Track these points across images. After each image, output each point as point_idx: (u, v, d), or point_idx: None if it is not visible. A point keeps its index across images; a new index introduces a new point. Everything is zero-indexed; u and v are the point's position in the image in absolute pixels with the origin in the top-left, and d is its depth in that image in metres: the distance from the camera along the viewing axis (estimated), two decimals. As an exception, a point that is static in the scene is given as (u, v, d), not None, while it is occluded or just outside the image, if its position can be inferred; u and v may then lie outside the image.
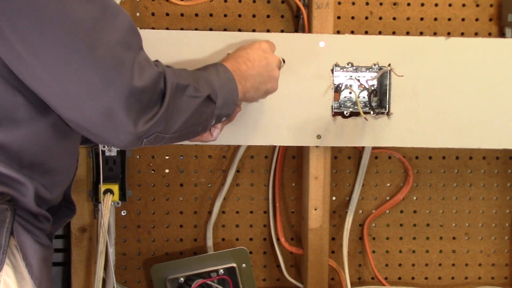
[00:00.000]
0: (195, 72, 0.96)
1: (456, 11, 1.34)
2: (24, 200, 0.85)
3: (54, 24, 0.76)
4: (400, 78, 1.19)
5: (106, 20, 0.79)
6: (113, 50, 0.79)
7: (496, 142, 1.24)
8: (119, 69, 0.79)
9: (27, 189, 0.85)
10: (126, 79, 0.79)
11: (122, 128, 0.81)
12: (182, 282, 1.28)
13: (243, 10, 1.30)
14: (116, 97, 0.79)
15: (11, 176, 0.83)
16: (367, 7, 1.32)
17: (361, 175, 1.36)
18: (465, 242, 1.42)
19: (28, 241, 0.85)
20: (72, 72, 0.77)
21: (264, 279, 1.40)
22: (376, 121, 1.21)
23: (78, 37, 0.77)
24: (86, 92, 0.79)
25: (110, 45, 0.79)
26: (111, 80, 0.79)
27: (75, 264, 1.30)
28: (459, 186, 1.40)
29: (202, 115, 0.93)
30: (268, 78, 1.07)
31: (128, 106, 0.80)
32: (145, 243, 1.36)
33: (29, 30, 0.76)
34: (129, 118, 0.81)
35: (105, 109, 0.79)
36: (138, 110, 0.81)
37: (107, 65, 0.78)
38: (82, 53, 0.77)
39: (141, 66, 0.82)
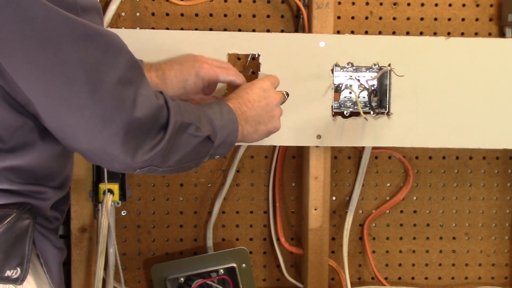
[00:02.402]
0: (200, 109, 0.95)
1: (456, 11, 1.34)
2: (44, 206, 0.87)
3: (56, 67, 0.76)
4: (400, 78, 1.19)
5: (108, 60, 0.79)
6: (114, 89, 0.79)
7: (496, 142, 1.24)
8: (119, 107, 0.79)
9: (47, 195, 0.87)
10: (125, 115, 0.79)
11: (117, 160, 0.82)
12: (182, 282, 1.28)
13: (243, 10, 1.30)
14: (114, 134, 0.79)
15: (29, 190, 0.85)
16: (367, 7, 1.32)
17: (361, 175, 1.36)
18: (465, 242, 1.42)
19: (47, 248, 0.88)
20: (72, 111, 0.78)
21: (264, 279, 1.40)
22: (376, 121, 1.21)
23: (79, 79, 0.76)
24: (84, 131, 0.79)
25: (111, 84, 0.78)
26: (110, 118, 0.79)
27: (75, 264, 1.30)
28: (459, 186, 1.40)
29: (198, 153, 0.93)
30: (268, 119, 1.06)
31: (125, 142, 0.80)
32: (145, 243, 1.36)
33: (31, 73, 0.76)
34: (126, 153, 0.81)
35: (102, 147, 0.80)
36: (136, 144, 0.82)
37: (107, 105, 0.78)
38: (83, 94, 0.77)
39: (141, 99, 0.82)
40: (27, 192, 0.84)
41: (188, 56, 1.12)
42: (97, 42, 0.77)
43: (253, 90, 1.06)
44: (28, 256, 0.82)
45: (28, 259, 0.82)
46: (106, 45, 0.79)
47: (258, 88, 1.06)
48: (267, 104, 1.06)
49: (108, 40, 0.79)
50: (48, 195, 0.87)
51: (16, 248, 0.82)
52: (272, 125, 1.07)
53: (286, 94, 1.13)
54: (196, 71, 1.08)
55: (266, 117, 1.05)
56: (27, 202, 0.84)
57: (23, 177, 0.84)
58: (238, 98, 1.04)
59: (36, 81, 0.76)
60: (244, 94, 1.05)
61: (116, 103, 0.78)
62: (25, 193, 0.84)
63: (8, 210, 0.82)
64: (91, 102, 0.77)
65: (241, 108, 1.03)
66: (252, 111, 1.03)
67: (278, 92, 1.10)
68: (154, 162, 0.84)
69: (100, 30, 0.78)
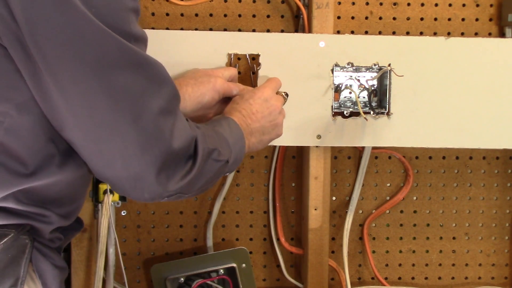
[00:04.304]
0: (215, 130, 0.95)
1: (456, 11, 1.34)
2: (44, 229, 0.87)
3: (104, 91, 0.76)
4: (400, 78, 1.19)
5: (152, 89, 0.79)
6: (156, 119, 0.79)
7: (496, 142, 1.24)
8: (159, 136, 0.80)
9: (50, 219, 0.87)
10: (163, 146, 0.80)
11: (149, 189, 0.82)
12: (182, 282, 1.28)
13: (243, 10, 1.30)
14: (151, 163, 0.80)
15: (33, 211, 0.85)
16: (367, 7, 1.32)
17: (361, 175, 1.36)
18: (465, 242, 1.42)
19: (46, 268, 0.87)
20: (114, 135, 0.78)
21: (264, 279, 1.40)
22: (376, 121, 1.21)
23: (125, 106, 0.77)
24: (122, 156, 0.79)
25: (154, 114, 0.79)
26: (149, 148, 0.79)
27: (75, 264, 1.30)
28: (459, 186, 1.40)
29: (218, 175, 0.94)
30: (272, 127, 1.07)
31: (160, 172, 0.81)
32: (145, 243, 1.36)
33: (78, 94, 0.76)
34: (159, 182, 0.81)
35: (137, 174, 0.80)
36: (168, 174, 0.82)
37: (148, 134, 0.79)
38: (126, 121, 0.77)
39: (178, 130, 0.83)
40: (29, 213, 0.84)
41: (200, 71, 1.12)
42: (145, 71, 0.78)
43: (256, 100, 1.07)
44: (23, 278, 0.82)
45: (22, 280, 0.81)
46: (153, 75, 0.80)
47: (260, 98, 1.07)
48: (270, 113, 1.07)
49: (155, 70, 0.80)
50: (51, 219, 0.87)
51: (11, 268, 0.81)
52: (275, 133, 1.09)
53: (285, 95, 1.14)
54: (213, 85, 1.08)
55: (269, 127, 1.07)
56: (27, 224, 0.84)
57: (31, 198, 0.83)
58: (242, 111, 1.05)
59: (81, 103, 0.76)
60: (247, 105, 1.06)
61: (156, 132, 0.79)
62: (27, 215, 0.84)
63: (6, 230, 0.82)
64: (133, 129, 0.78)
65: (246, 122, 1.03)
66: (256, 123, 1.05)
67: (279, 98, 1.11)
68: (183, 190, 0.85)
69: (149, 60, 0.79)
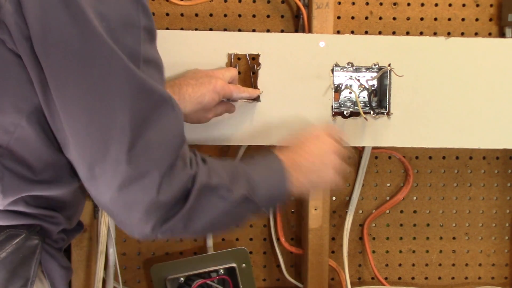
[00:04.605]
0: (235, 166, 0.90)
1: (456, 11, 1.34)
2: (53, 229, 0.88)
3: (105, 114, 0.74)
4: (400, 78, 1.19)
5: (152, 120, 0.76)
6: (151, 152, 0.77)
7: (496, 142, 1.24)
8: (150, 174, 0.76)
9: (57, 220, 0.88)
10: (151, 191, 0.77)
11: (137, 228, 0.80)
12: (182, 282, 1.28)
13: (243, 10, 1.30)
14: (140, 201, 0.77)
15: (42, 213, 0.86)
16: (367, 7, 1.32)
17: (361, 175, 1.36)
18: (465, 242, 1.42)
19: (55, 268, 0.89)
20: (104, 163, 0.76)
21: (264, 279, 1.40)
22: (376, 121, 1.21)
23: (120, 133, 0.75)
24: (112, 184, 0.77)
25: (149, 147, 0.76)
26: (139, 183, 0.76)
27: (75, 264, 1.30)
28: (459, 186, 1.40)
29: (236, 215, 0.88)
30: (324, 168, 0.98)
31: (148, 214, 0.78)
32: (145, 243, 1.36)
33: (79, 112, 0.75)
34: (147, 223, 0.78)
35: (126, 206, 0.78)
36: (158, 218, 0.79)
37: (139, 167, 0.76)
38: (119, 150, 0.75)
39: (173, 174, 0.78)
40: (39, 215, 0.85)
41: (201, 72, 1.12)
42: (147, 100, 0.76)
43: (307, 139, 1.01)
44: (33, 278, 0.82)
45: (32, 280, 0.82)
46: (160, 100, 0.77)
47: (314, 139, 1.01)
48: (321, 153, 0.99)
49: (158, 101, 0.77)
50: (59, 220, 0.88)
51: (22, 269, 0.82)
52: (327, 175, 0.99)
53: (343, 141, 1.06)
54: (213, 87, 1.08)
55: (320, 166, 0.98)
56: (38, 224, 0.85)
57: (40, 202, 0.84)
58: (293, 148, 0.99)
59: (78, 120, 0.75)
60: (300, 144, 1.00)
61: (147, 167, 0.77)
62: (37, 216, 0.85)
63: (18, 230, 0.83)
64: (125, 159, 0.75)
65: (294, 157, 0.96)
66: (304, 159, 0.97)
67: (333, 141, 1.03)
68: (175, 229, 0.81)
69: (154, 88, 0.77)
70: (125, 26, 0.75)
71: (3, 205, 0.82)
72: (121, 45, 0.74)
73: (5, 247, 0.81)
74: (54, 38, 0.71)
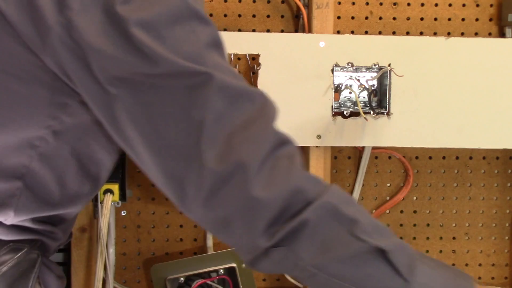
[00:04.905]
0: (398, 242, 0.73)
1: (456, 11, 1.34)
2: (52, 245, 0.88)
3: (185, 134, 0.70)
4: (400, 78, 1.19)
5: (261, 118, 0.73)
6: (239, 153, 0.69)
7: (496, 142, 1.24)
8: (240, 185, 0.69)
9: (57, 235, 0.89)
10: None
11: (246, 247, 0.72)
12: (182, 282, 1.28)
13: (243, 10, 1.30)
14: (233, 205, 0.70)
15: (45, 229, 0.86)
16: (367, 7, 1.32)
17: (361, 175, 1.36)
18: (465, 242, 1.42)
19: (51, 280, 0.90)
20: (187, 175, 0.71)
21: (264, 279, 1.40)
22: (376, 121, 1.21)
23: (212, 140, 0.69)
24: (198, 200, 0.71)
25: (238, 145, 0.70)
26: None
27: (75, 264, 1.30)
28: (459, 186, 1.40)
29: (369, 278, 0.69)
30: None
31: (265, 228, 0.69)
32: (145, 243, 1.36)
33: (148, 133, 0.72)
34: (255, 234, 0.69)
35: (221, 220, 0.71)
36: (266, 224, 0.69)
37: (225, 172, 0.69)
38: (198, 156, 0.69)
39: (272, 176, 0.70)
40: (43, 231, 0.85)
41: None
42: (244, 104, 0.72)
43: None
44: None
45: None
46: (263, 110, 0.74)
47: None
48: None
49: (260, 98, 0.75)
50: (59, 236, 0.88)
51: (20, 282, 0.82)
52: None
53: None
54: None
55: None
56: (39, 239, 0.85)
57: (47, 219, 0.85)
58: None
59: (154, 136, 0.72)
60: None
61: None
62: (40, 232, 0.85)
63: (20, 244, 0.83)
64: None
65: None
66: None
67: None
68: (283, 243, 0.70)
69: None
70: (176, 20, 0.71)
71: (11, 222, 0.82)
72: (181, 50, 0.70)
73: (7, 261, 0.81)
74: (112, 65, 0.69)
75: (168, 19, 0.70)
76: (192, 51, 0.70)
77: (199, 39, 0.71)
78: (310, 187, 0.71)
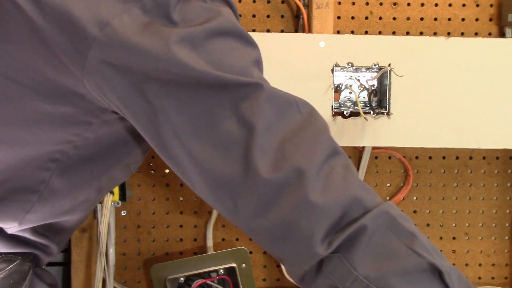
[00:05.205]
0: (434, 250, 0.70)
1: (456, 11, 1.34)
2: (44, 259, 0.88)
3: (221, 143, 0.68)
4: (400, 78, 1.19)
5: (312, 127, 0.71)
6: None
7: (496, 142, 1.24)
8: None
9: (51, 250, 0.89)
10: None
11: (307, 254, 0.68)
12: (182, 282, 1.28)
13: (243, 10, 1.30)
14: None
15: (40, 242, 0.86)
16: (367, 7, 1.32)
17: (361, 175, 1.36)
18: (465, 242, 1.42)
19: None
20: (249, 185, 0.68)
21: (264, 279, 1.40)
22: (376, 121, 1.21)
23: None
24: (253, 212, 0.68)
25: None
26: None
27: (75, 264, 1.30)
28: (459, 186, 1.40)
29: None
30: None
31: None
32: (145, 243, 1.36)
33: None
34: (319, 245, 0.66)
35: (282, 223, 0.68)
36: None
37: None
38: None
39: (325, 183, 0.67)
40: (38, 244, 0.85)
41: None
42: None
43: None
44: None
45: None
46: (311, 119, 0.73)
47: None
48: None
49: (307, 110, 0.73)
50: (53, 251, 0.88)
51: None
52: None
53: None
54: None
55: None
56: (32, 252, 0.85)
57: (47, 229, 0.85)
58: None
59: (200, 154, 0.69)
60: None
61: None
62: (36, 245, 0.85)
63: (13, 256, 0.83)
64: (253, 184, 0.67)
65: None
66: None
67: None
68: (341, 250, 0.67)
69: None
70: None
71: (13, 231, 0.82)
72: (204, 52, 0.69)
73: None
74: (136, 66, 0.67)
75: (213, 33, 0.71)
76: (241, 65, 0.71)
77: (245, 56, 0.73)
78: (369, 197, 0.69)
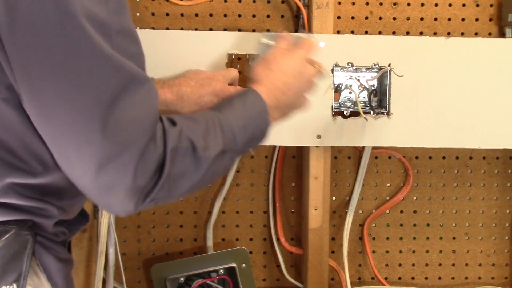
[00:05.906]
0: (214, 119, 0.86)
1: (456, 11, 1.34)
2: (46, 223, 0.86)
3: (69, 95, 0.72)
4: (400, 78, 1.19)
5: (128, 94, 0.74)
6: (124, 130, 0.74)
7: (496, 142, 1.24)
8: (125, 152, 0.74)
9: (50, 213, 0.86)
10: (128, 173, 0.74)
11: (120, 207, 0.77)
12: (182, 282, 1.28)
13: (243, 10, 1.30)
14: (119, 183, 0.74)
15: (33, 206, 0.84)
16: (367, 7, 1.32)
17: (361, 175, 1.36)
18: (465, 242, 1.42)
19: (51, 261, 0.87)
20: (78, 143, 0.73)
21: (264, 279, 1.40)
22: (376, 121, 1.21)
23: (94, 109, 0.72)
24: (89, 166, 0.74)
25: (122, 123, 0.73)
26: (116, 162, 0.73)
27: (75, 264, 1.30)
28: (459, 186, 1.40)
29: (217, 168, 0.84)
30: (299, 101, 0.99)
31: (129, 196, 0.75)
32: (145, 243, 1.36)
33: (40, 94, 0.72)
34: (129, 202, 0.76)
35: (105, 188, 0.75)
36: (139, 196, 0.76)
37: (114, 146, 0.73)
38: (92, 128, 0.72)
39: (146, 157, 0.75)
40: (31, 208, 0.83)
41: (202, 73, 1.11)
42: (122, 71, 0.74)
43: (289, 70, 0.97)
44: (25, 273, 0.81)
45: (25, 275, 0.81)
46: (131, 77, 0.75)
47: (294, 69, 0.98)
48: (300, 86, 0.98)
49: (133, 71, 0.75)
50: (52, 213, 0.86)
51: (13, 264, 0.81)
52: (299, 106, 1.00)
53: (321, 67, 1.03)
54: (213, 89, 1.08)
55: (298, 102, 0.99)
56: (29, 219, 0.84)
57: (33, 193, 0.83)
58: (275, 81, 0.95)
59: (47, 103, 0.73)
60: (280, 75, 0.96)
61: (123, 146, 0.74)
62: (28, 210, 0.83)
63: (8, 226, 0.82)
64: (98, 139, 0.73)
65: (276, 95, 0.94)
66: (285, 96, 0.95)
67: (311, 68, 1.01)
68: (158, 199, 0.79)
69: (123, 65, 0.75)
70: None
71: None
72: (89, 17, 0.71)
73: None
74: (18, 15, 0.69)
75: None
76: (99, 16, 0.72)
77: None
78: (161, 152, 0.78)
